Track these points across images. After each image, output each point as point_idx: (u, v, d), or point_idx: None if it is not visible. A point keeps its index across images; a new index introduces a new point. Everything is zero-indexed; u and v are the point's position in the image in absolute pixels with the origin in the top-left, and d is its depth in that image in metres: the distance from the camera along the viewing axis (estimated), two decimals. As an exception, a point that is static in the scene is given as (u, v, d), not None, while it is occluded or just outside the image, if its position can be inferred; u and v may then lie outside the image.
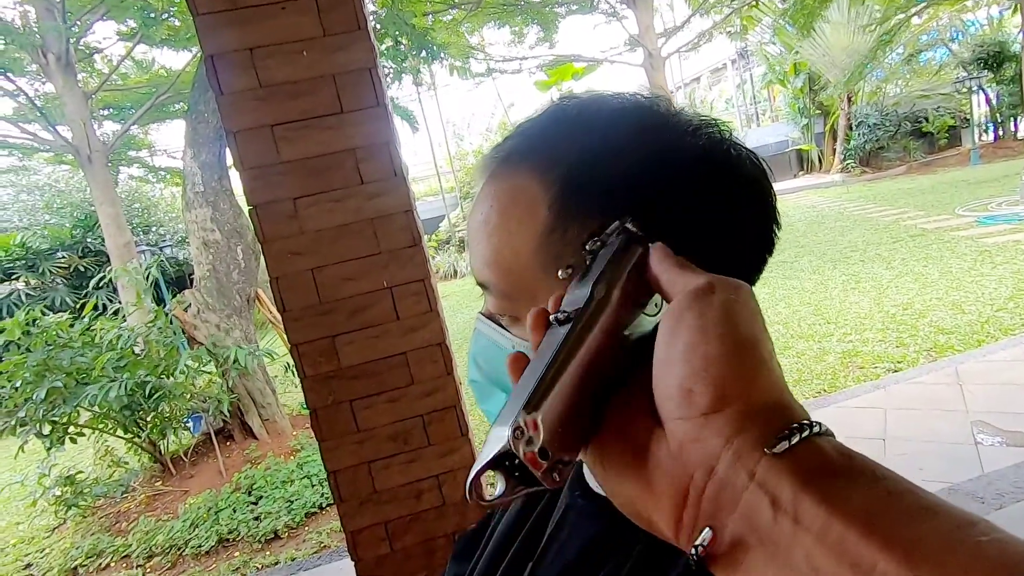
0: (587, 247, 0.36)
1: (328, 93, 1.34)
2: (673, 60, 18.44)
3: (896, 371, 3.97)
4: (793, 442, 0.25)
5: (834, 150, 16.30)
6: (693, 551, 0.25)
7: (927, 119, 15.40)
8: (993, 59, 14.53)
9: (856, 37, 13.67)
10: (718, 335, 0.27)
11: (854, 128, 15.59)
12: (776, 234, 0.47)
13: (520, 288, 0.44)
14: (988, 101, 15.43)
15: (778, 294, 6.51)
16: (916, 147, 15.50)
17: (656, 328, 0.31)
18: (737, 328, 0.28)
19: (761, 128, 21.16)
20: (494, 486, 0.28)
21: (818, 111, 16.91)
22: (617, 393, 0.31)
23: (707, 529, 0.25)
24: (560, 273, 0.36)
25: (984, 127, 15.90)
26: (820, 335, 4.98)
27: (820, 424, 0.26)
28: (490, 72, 13.47)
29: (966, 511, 0.22)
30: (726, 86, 23.80)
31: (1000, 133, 15.67)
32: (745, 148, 0.46)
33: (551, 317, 0.31)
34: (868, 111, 15.57)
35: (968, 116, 15.33)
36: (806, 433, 0.25)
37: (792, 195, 15.12)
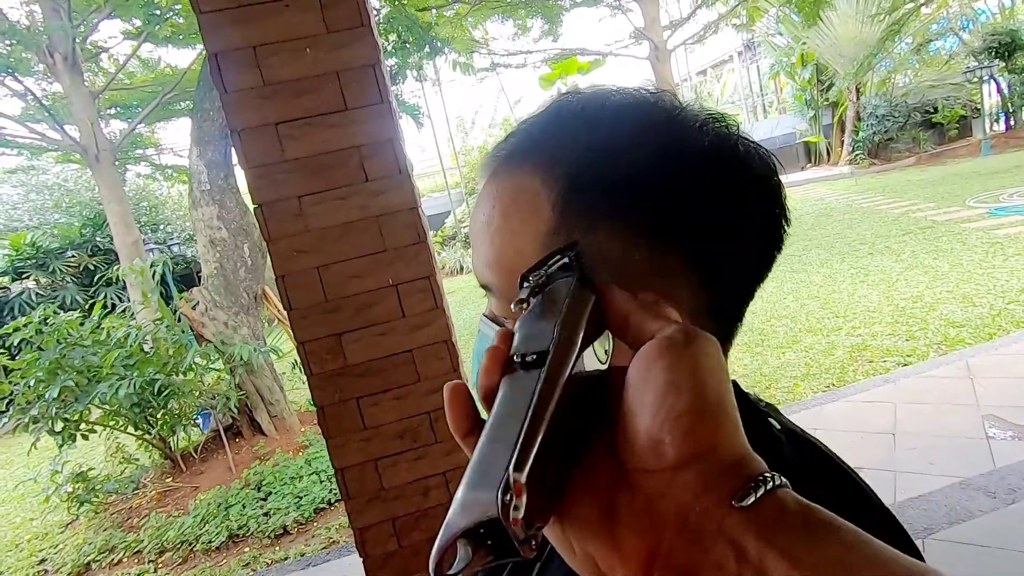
0: (530, 280, 0.33)
1: (332, 90, 1.34)
2: (679, 53, 18.30)
3: (906, 365, 3.94)
4: (758, 495, 0.24)
5: (842, 142, 16.15)
6: None
7: (937, 109, 15.21)
8: (1004, 48, 14.33)
9: (864, 27, 13.51)
10: (691, 388, 0.27)
11: (862, 119, 15.44)
12: (785, 230, 0.47)
13: None
14: (999, 91, 15.23)
15: (786, 287, 6.47)
16: (926, 138, 15.33)
17: (604, 374, 0.30)
18: (708, 383, 0.27)
19: (768, 120, 20.99)
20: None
21: (826, 102, 16.75)
22: (579, 447, 0.29)
23: None
24: (512, 307, 0.33)
25: (995, 117, 15.70)
26: (829, 329, 4.95)
27: (777, 476, 0.26)
28: (494, 67, 13.42)
29: (917, 564, 0.23)
30: (732, 78, 23.61)
31: (1012, 123, 15.47)
32: (753, 143, 0.45)
33: (514, 357, 0.29)
34: (877, 102, 15.41)
35: (979, 106, 15.15)
36: (770, 486, 0.25)
37: (800, 188, 15.01)
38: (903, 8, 13.25)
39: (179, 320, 4.70)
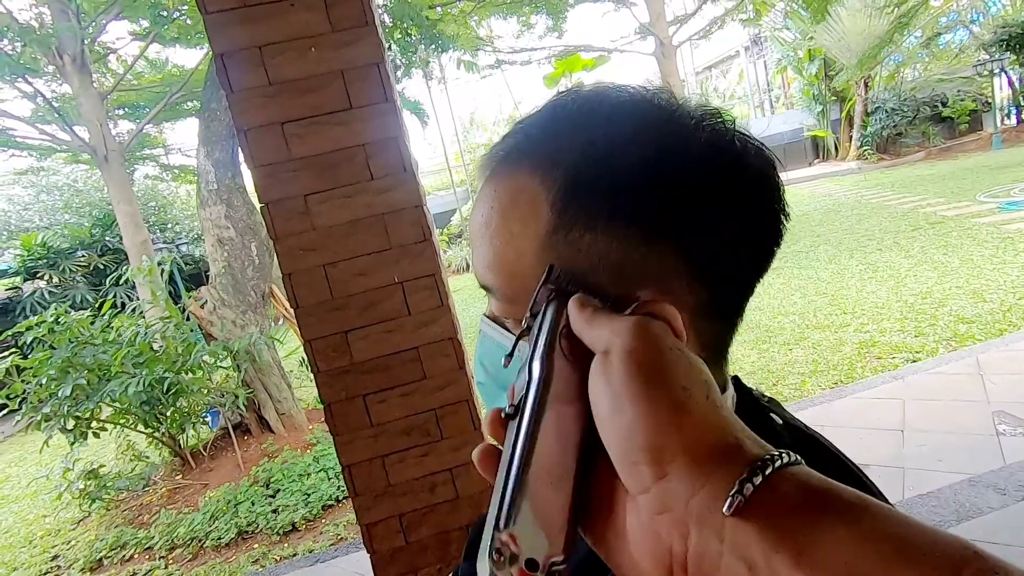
0: (529, 314, 0.35)
1: (337, 89, 1.34)
2: (685, 48, 18.21)
3: (915, 361, 3.91)
4: (748, 494, 0.23)
5: (850, 137, 16.01)
6: None
7: (947, 103, 15.04)
8: (1016, 40, 14.12)
9: (872, 20, 13.36)
10: (630, 397, 0.26)
11: (871, 114, 15.30)
12: (784, 225, 0.47)
13: (524, 291, 0.43)
14: (1011, 84, 15.05)
15: (794, 284, 6.44)
16: (935, 132, 15.16)
17: None
18: (646, 380, 0.26)
19: (775, 115, 20.85)
20: None
21: (834, 97, 16.61)
22: (593, 466, 0.29)
23: None
24: (525, 321, 0.35)
25: (1006, 111, 15.50)
26: (837, 325, 4.92)
27: (770, 459, 0.24)
28: (499, 64, 13.40)
29: (956, 546, 0.20)
30: (739, 74, 23.47)
31: (1023, 117, 15.28)
32: (752, 139, 0.45)
33: (502, 413, 0.30)
34: (885, 96, 15.27)
35: (990, 100, 14.96)
36: (758, 479, 0.23)
37: (808, 183, 14.90)
38: (912, 1, 13.11)
39: (187, 319, 4.73)
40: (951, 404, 3.15)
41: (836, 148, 17.04)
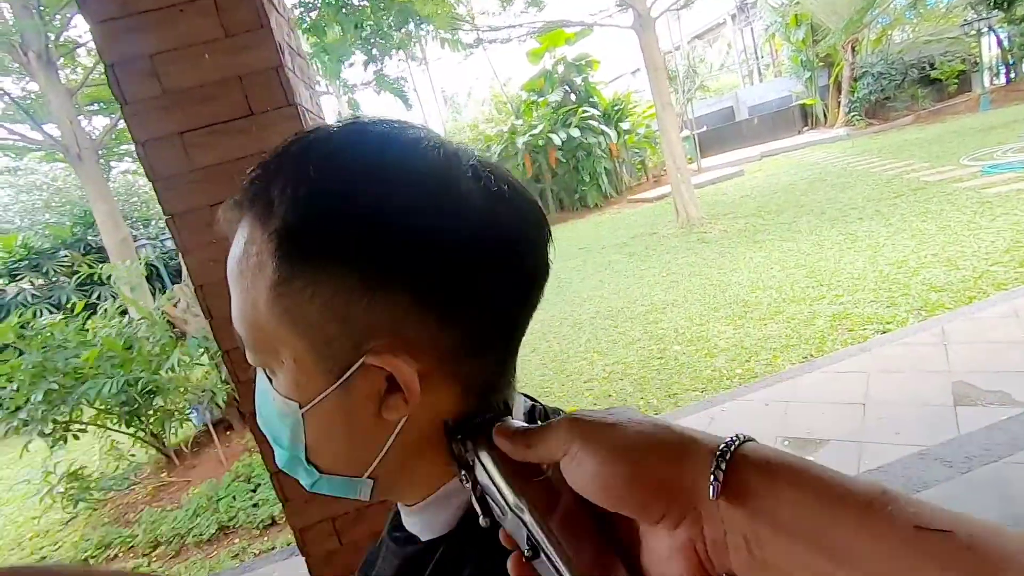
0: (463, 478, 0.40)
1: (235, 96, 1.31)
2: (668, 19, 17.86)
3: (885, 332, 3.93)
4: (721, 479, 0.29)
5: (839, 103, 15.85)
6: None
7: (935, 65, 14.85)
8: (1004, -3, 13.90)
9: (858, -18, 13.11)
10: (611, 472, 0.32)
11: (858, 79, 15.13)
12: (544, 268, 0.45)
13: (265, 343, 0.42)
14: (999, 43, 14.84)
15: (774, 257, 6.44)
16: (924, 95, 15.01)
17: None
18: (611, 454, 0.33)
19: (764, 84, 20.58)
20: None
21: (821, 63, 16.39)
22: (613, 537, 0.35)
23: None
24: (463, 478, 0.40)
25: (995, 70, 15.33)
26: (812, 298, 4.93)
27: (728, 443, 0.30)
28: (479, 43, 13.16)
29: (867, 484, 0.27)
30: (727, 45, 23.08)
31: (1012, 76, 15.10)
32: (488, 173, 0.43)
33: (523, 558, 0.35)
34: (873, 60, 15.07)
35: (978, 60, 14.77)
36: (723, 465, 0.29)
37: (796, 152, 14.79)
38: (898, -40, 12.86)
39: (162, 317, 4.73)
40: (913, 375, 3.17)
41: (825, 115, 16.88)
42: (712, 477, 0.29)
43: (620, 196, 15.11)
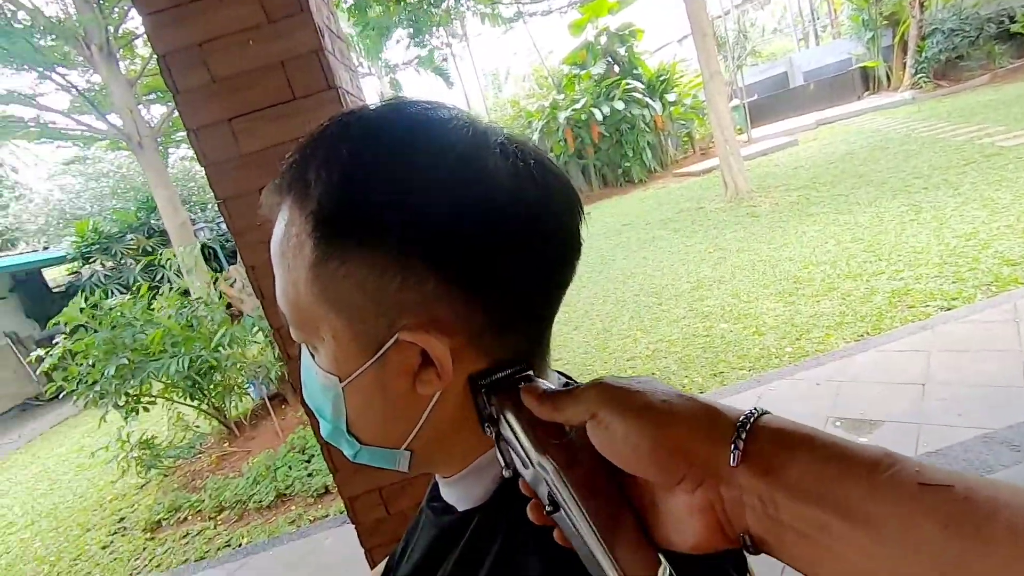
0: (487, 429, 0.42)
1: (278, 81, 1.34)
2: (719, -19, 17.02)
3: (949, 309, 3.71)
4: (742, 448, 0.31)
5: (904, 64, 14.81)
6: (746, 542, 0.32)
7: (1014, 19, 13.59)
8: (1099, -62, 12.54)
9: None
10: (637, 436, 0.34)
11: (927, 37, 14.05)
12: (576, 245, 0.45)
13: (307, 321, 0.44)
14: (1092, -11, 13.43)
15: (829, 231, 6.15)
16: (1001, 52, 13.80)
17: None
18: (638, 418, 0.34)
19: (820, 47, 19.40)
20: None
21: (885, 22, 15.30)
22: (629, 498, 0.37)
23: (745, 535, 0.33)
24: (488, 431, 0.42)
25: (1086, 21, 13.89)
26: (870, 273, 4.70)
27: (748, 415, 0.33)
28: (519, 16, 12.93)
29: (874, 450, 0.29)
30: (778, 5, 21.83)
31: (1106, 26, 13.67)
32: (518, 151, 0.43)
33: (544, 511, 0.37)
34: (944, 16, 13.93)
35: (1066, 10, 13.44)
36: (744, 435, 0.31)
37: (855, 119, 13.96)
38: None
39: (220, 298, 4.96)
40: (980, 354, 3.00)
41: (888, 78, 15.82)
42: (733, 446, 0.31)
43: (665, 170, 14.70)
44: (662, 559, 0.35)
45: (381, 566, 0.79)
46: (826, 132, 13.57)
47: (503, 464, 0.41)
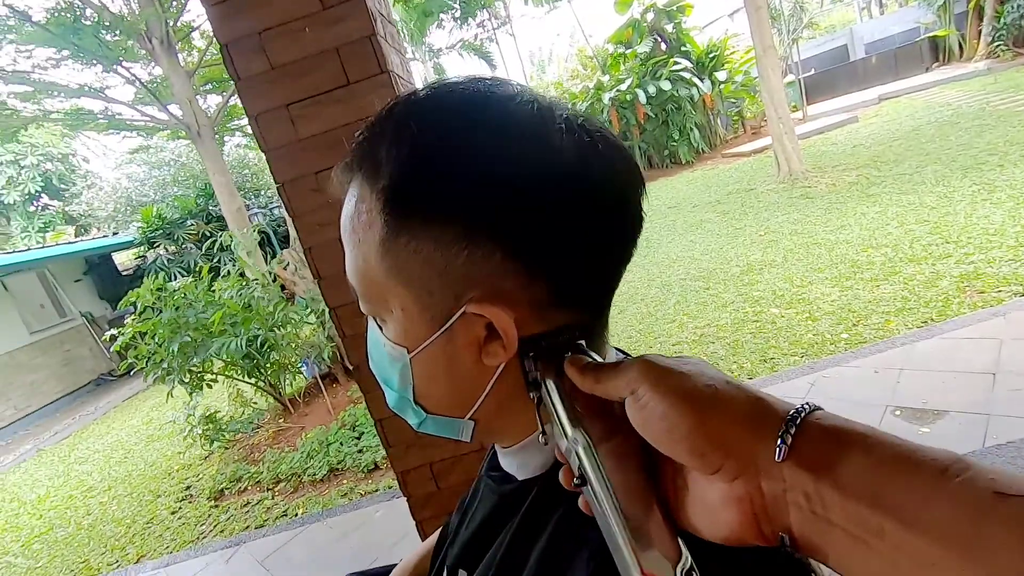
0: (530, 394, 0.42)
1: (333, 67, 1.38)
2: (774, -51, 16.15)
3: (1024, 295, 3.48)
4: (789, 443, 0.30)
5: (979, 32, 13.74)
6: (785, 543, 0.32)
7: (1110, -23, 12.40)
8: None
9: None
10: (677, 417, 0.33)
11: (1007, 1, 12.99)
12: (638, 222, 0.45)
13: (376, 294, 0.46)
14: None
15: (890, 212, 5.84)
16: (1093, 15, 12.63)
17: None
18: (681, 399, 0.33)
19: (885, 16, 18.23)
20: None
21: (959, -14, 14.22)
22: (659, 480, 0.36)
23: (785, 536, 0.31)
24: (531, 395, 0.42)
25: None
26: (935, 256, 4.45)
27: (799, 409, 0.31)
28: (564, -5, 12.69)
29: (943, 454, 0.27)
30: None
31: None
32: (581, 125, 0.43)
33: (573, 482, 0.37)
34: (1027, -23, 12.83)
35: None
36: (793, 430, 0.30)
37: (923, 92, 13.10)
38: None
39: (274, 280, 5.16)
40: (1059, 343, 2.81)
41: (961, 47, 14.73)
42: (779, 440, 0.30)
43: (714, 151, 14.23)
44: (684, 550, 0.33)
45: (435, 536, 0.82)
46: (889, 107, 12.80)
47: (540, 429, 0.41)
